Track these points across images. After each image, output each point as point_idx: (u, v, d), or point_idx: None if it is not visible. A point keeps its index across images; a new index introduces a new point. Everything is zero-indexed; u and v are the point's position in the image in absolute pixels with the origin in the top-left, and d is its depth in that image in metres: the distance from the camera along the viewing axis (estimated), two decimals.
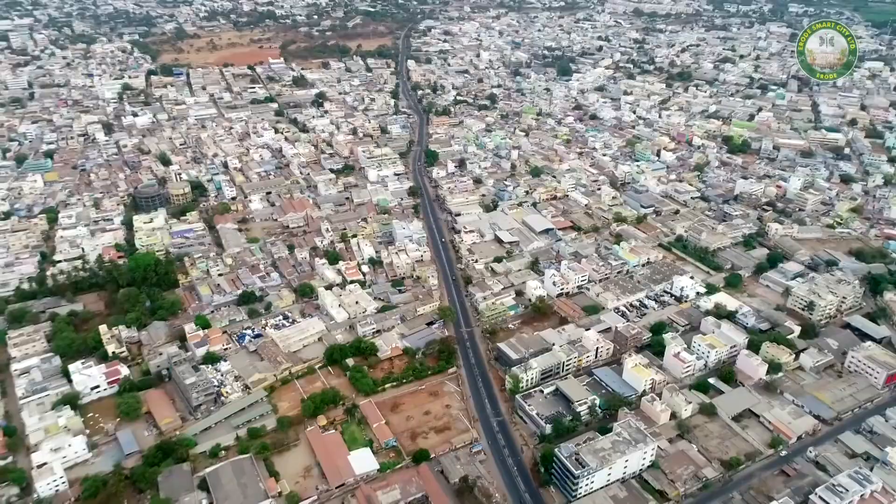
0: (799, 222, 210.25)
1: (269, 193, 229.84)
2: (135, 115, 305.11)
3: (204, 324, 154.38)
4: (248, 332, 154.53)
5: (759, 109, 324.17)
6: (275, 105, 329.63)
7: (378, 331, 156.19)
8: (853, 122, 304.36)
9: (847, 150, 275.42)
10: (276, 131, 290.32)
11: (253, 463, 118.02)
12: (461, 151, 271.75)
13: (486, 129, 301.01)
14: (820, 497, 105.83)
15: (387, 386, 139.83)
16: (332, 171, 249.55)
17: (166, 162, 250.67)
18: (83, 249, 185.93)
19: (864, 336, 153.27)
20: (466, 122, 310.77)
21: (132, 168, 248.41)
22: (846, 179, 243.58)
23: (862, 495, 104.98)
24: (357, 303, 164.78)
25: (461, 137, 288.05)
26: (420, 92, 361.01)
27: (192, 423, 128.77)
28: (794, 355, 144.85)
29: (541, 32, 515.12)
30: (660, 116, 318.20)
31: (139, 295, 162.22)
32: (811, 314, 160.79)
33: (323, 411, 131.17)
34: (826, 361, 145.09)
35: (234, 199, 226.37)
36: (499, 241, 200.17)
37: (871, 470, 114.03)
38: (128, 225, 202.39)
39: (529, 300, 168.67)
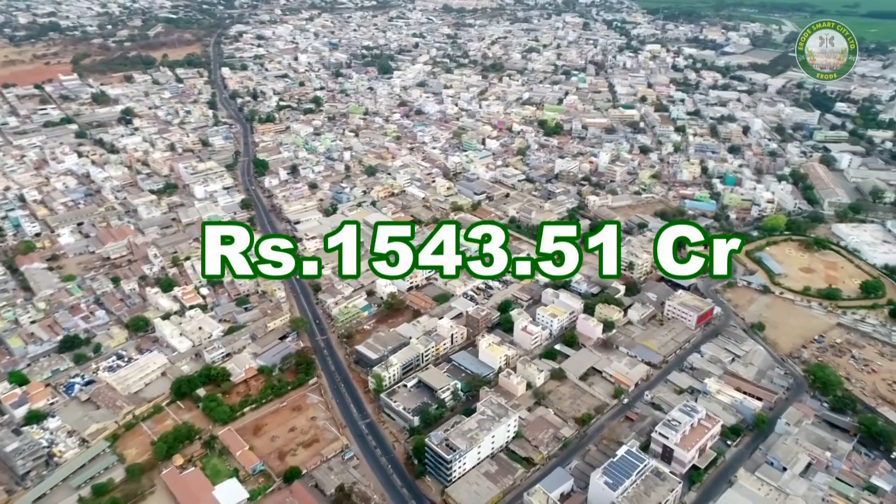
0: (612, 192, 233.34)
1: (80, 224, 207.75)
2: None
3: (20, 380, 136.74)
4: (77, 380, 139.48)
5: (566, 93, 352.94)
6: (74, 126, 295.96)
7: (228, 354, 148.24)
8: (643, 99, 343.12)
9: (641, 124, 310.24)
10: (80, 155, 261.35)
11: None
12: (292, 158, 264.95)
13: (315, 133, 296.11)
14: (659, 433, 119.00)
15: (245, 410, 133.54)
16: (151, 191, 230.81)
17: None
18: None
19: (675, 286, 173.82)
20: (293, 127, 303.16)
21: None
22: (644, 150, 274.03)
23: (692, 424, 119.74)
24: (200, 328, 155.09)
25: (290, 143, 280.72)
26: (240, 100, 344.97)
27: (21, 495, 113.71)
28: (622, 312, 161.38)
29: (357, 32, 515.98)
30: (480, 107, 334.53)
31: None
32: (632, 273, 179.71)
33: (178, 450, 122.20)
34: (649, 313, 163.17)
35: (38, 235, 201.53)
36: None
37: (696, 401, 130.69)
38: None
39: (381, 298, 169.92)
